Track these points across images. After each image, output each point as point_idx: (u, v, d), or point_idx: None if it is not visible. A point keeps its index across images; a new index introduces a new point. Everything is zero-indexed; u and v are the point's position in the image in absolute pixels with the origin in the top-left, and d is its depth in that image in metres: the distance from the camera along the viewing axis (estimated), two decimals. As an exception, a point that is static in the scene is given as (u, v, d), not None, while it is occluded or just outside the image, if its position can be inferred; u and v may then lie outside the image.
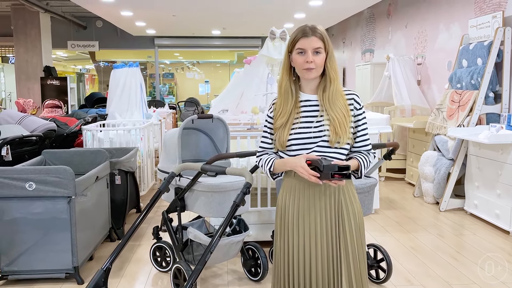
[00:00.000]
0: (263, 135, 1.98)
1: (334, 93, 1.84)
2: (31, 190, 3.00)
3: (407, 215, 4.81)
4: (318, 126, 1.84)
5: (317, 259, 1.85)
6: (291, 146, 1.85)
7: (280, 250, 1.93)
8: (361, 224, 1.90)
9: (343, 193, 1.87)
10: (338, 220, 1.86)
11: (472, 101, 4.78)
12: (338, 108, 1.82)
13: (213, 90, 17.54)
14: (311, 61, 1.80)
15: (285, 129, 1.85)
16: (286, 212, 1.90)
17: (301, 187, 1.87)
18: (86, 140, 4.88)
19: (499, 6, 4.94)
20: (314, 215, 1.85)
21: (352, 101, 1.88)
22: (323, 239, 1.85)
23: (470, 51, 5.03)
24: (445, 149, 5.01)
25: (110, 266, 2.55)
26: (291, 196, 1.89)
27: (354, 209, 1.88)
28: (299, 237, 1.87)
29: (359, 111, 1.89)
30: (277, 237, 1.95)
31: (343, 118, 1.81)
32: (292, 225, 1.88)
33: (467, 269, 3.40)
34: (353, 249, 1.85)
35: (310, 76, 1.84)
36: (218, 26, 11.11)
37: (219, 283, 3.17)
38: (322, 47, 1.82)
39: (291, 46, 1.86)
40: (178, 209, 2.95)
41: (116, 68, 6.29)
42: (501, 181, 4.22)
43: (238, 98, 5.42)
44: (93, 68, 18.51)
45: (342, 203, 1.86)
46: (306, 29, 1.83)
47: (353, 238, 1.86)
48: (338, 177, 1.69)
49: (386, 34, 8.21)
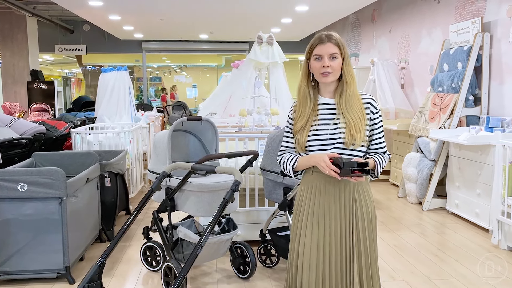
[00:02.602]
0: (285, 134, 2.08)
1: (351, 97, 1.93)
2: (23, 192, 3.04)
3: (391, 215, 4.94)
4: (335, 129, 1.93)
5: (330, 256, 1.92)
6: (309, 147, 1.94)
7: (294, 241, 2.00)
8: (374, 224, 1.97)
9: (358, 192, 1.95)
10: (352, 219, 1.93)
11: (453, 104, 4.94)
12: (354, 111, 1.91)
13: (200, 94, 17.59)
14: (327, 65, 1.89)
15: (303, 132, 1.95)
16: (303, 207, 1.99)
17: (319, 184, 1.96)
18: (75, 143, 4.92)
19: (478, 12, 5.12)
20: (329, 212, 1.94)
21: (369, 105, 1.97)
22: (337, 236, 1.93)
23: (451, 56, 5.20)
24: (427, 151, 5.16)
25: (105, 262, 2.62)
26: (308, 192, 1.98)
27: (368, 209, 1.96)
28: (313, 232, 1.94)
29: (376, 115, 1.98)
30: (292, 229, 2.04)
31: (358, 121, 1.90)
32: (306, 220, 1.96)
33: (448, 266, 3.53)
34: (365, 248, 1.93)
35: (328, 80, 1.93)
36: (205, 30, 11.20)
37: (209, 281, 3.25)
38: (338, 52, 1.91)
39: (309, 53, 1.96)
40: (168, 209, 3.03)
41: (104, 72, 6.33)
42: (480, 181, 4.38)
43: (226, 102, 5.52)
44: (80, 72, 18.44)
45: (356, 202, 1.94)
46: (322, 36, 1.93)
47: (366, 238, 1.93)
48: (357, 173, 1.78)
49: (370, 38, 8.38)
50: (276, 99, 4.84)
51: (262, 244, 3.48)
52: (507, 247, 3.86)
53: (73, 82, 18.45)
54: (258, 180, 3.75)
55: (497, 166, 3.92)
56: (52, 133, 5.20)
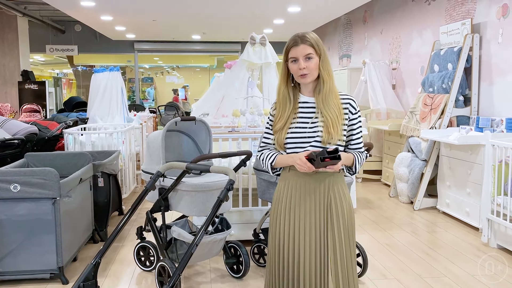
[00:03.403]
0: (265, 131, 2.11)
1: (328, 94, 1.95)
2: (16, 192, 3.04)
3: (383, 214, 4.99)
4: (313, 127, 1.96)
5: (305, 250, 1.96)
6: (287, 145, 1.98)
7: (273, 241, 2.04)
8: (350, 221, 1.99)
9: (333, 191, 1.97)
10: (327, 216, 1.96)
11: (443, 104, 5.00)
12: (331, 108, 1.94)
13: (192, 95, 17.58)
14: (303, 67, 1.92)
15: (282, 132, 1.99)
16: (280, 202, 2.03)
17: (295, 180, 1.99)
18: (67, 143, 4.91)
19: (468, 14, 5.19)
20: (305, 206, 1.97)
21: (348, 105, 2.00)
22: (312, 233, 1.96)
23: (441, 57, 5.26)
24: (418, 151, 5.22)
25: (100, 261, 2.64)
26: (285, 188, 2.02)
27: (343, 207, 1.98)
28: (290, 226, 1.98)
29: (355, 115, 2.01)
30: (270, 225, 2.07)
31: (335, 118, 1.93)
32: (284, 215, 2.00)
33: (439, 264, 3.57)
34: (340, 245, 1.95)
35: (306, 81, 1.96)
36: (198, 30, 11.21)
37: (202, 281, 3.26)
38: (313, 52, 1.93)
39: (285, 55, 1.98)
40: (162, 209, 3.05)
41: (97, 72, 6.32)
42: (470, 180, 4.44)
43: (219, 102, 5.53)
44: (71, 72, 18.33)
45: (331, 200, 1.97)
46: (296, 38, 1.95)
47: (341, 235, 1.95)
48: (329, 161, 1.82)
49: (362, 40, 8.44)
50: (269, 100, 4.86)
51: (256, 243, 3.50)
52: (496, 245, 3.91)
53: (64, 82, 18.34)
54: (251, 180, 3.77)
55: (486, 166, 3.98)
56: (44, 133, 5.19)
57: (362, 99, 7.28)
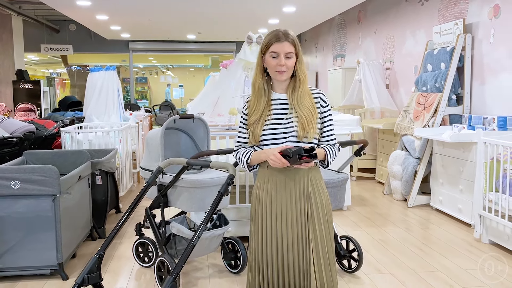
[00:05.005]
0: (240, 130, 2.16)
1: (303, 94, 2.03)
2: (16, 189, 3.07)
3: (377, 211, 5.06)
4: (288, 123, 2.03)
5: (288, 241, 2.03)
6: (263, 141, 2.04)
7: (254, 236, 2.10)
8: (328, 213, 2.08)
9: (311, 183, 2.05)
10: (306, 208, 2.04)
11: (436, 103, 5.08)
12: (305, 107, 2.01)
13: (187, 94, 17.61)
14: (283, 64, 1.98)
15: (258, 125, 2.04)
16: (259, 198, 2.09)
17: (273, 175, 2.05)
18: (64, 142, 4.93)
19: (460, 14, 5.28)
20: (285, 199, 2.04)
21: (319, 99, 2.08)
22: (293, 222, 2.03)
23: (434, 56, 5.34)
24: (412, 149, 5.30)
25: (103, 253, 2.70)
26: (264, 184, 2.08)
27: (322, 200, 2.06)
28: (272, 220, 2.05)
29: (325, 109, 2.09)
30: (251, 223, 2.13)
31: (310, 116, 2.00)
32: (265, 210, 2.06)
33: (432, 259, 3.65)
34: (321, 235, 2.03)
35: (282, 78, 2.03)
36: (193, 30, 11.24)
37: (200, 276, 3.31)
38: (293, 52, 2.01)
39: (265, 48, 2.03)
40: (161, 205, 3.09)
41: (93, 72, 6.34)
42: (463, 177, 4.52)
43: (215, 101, 5.58)
44: (65, 72, 18.28)
45: (310, 192, 2.04)
46: (280, 34, 2.01)
47: (321, 226, 2.03)
48: (305, 158, 1.89)
49: (356, 39, 8.52)
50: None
51: (253, 239, 3.55)
52: (488, 241, 4.00)
53: (58, 82, 18.29)
54: (248, 177, 3.82)
55: (478, 163, 4.06)
56: (42, 132, 5.21)
57: (356, 98, 7.36)
